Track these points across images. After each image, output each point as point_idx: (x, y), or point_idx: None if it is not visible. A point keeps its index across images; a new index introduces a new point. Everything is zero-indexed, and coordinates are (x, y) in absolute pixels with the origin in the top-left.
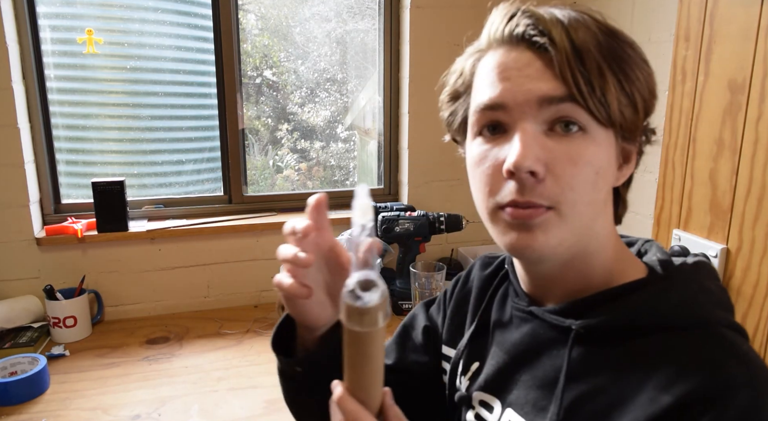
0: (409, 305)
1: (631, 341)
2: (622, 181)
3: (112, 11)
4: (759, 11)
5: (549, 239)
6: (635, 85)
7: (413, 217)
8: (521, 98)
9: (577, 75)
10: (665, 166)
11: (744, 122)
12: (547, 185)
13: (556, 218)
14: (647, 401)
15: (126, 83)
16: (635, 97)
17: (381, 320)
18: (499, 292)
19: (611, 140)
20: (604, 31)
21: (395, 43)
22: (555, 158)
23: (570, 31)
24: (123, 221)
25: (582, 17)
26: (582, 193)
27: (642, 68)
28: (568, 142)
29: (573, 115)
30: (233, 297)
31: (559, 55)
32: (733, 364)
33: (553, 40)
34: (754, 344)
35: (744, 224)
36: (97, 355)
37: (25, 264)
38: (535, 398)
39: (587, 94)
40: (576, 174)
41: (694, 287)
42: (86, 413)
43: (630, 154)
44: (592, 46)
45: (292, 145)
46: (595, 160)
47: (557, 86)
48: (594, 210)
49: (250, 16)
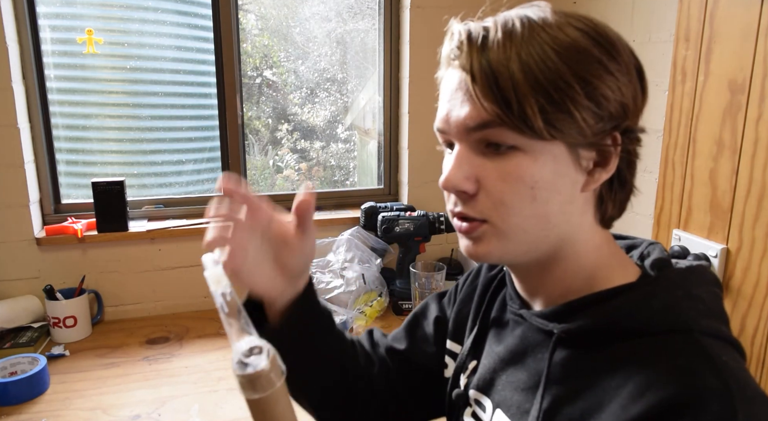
0: (409, 305)
1: (611, 346)
2: (594, 185)
3: (112, 11)
4: (759, 11)
5: (491, 249)
6: (573, 99)
7: (413, 217)
8: (453, 124)
9: (489, 97)
10: (665, 166)
11: (744, 122)
12: (479, 200)
13: (491, 230)
14: (619, 408)
15: (126, 83)
16: (571, 110)
17: (275, 379)
18: (501, 293)
19: (558, 150)
20: (547, 42)
21: (395, 43)
22: (486, 176)
23: (489, 50)
24: (123, 221)
25: (524, 29)
26: (517, 208)
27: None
28: (500, 159)
29: (497, 137)
30: None
31: (468, 79)
32: (707, 374)
33: (463, 64)
34: (754, 344)
35: (744, 224)
36: (97, 355)
37: (25, 264)
38: (520, 400)
39: (503, 115)
40: (507, 190)
41: (679, 293)
42: (86, 413)
43: (605, 157)
44: (513, 63)
45: (292, 145)
46: (528, 175)
47: (476, 113)
48: (541, 220)
49: (250, 16)
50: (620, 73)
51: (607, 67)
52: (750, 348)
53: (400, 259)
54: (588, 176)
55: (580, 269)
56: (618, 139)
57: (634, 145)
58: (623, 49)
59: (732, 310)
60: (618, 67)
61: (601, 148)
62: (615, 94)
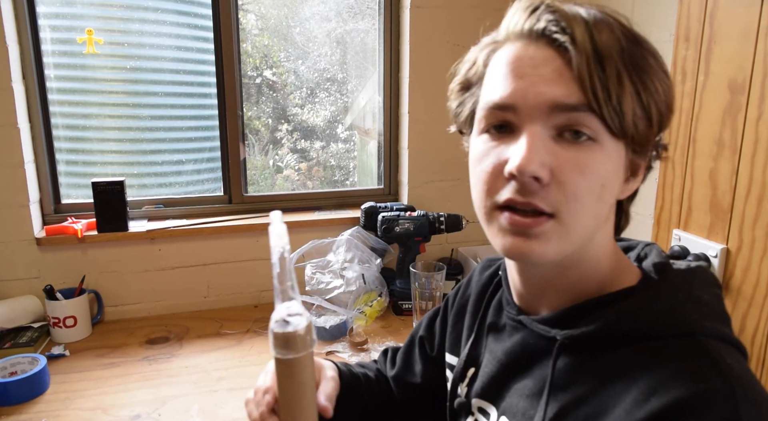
0: (409, 305)
1: (615, 350)
2: (626, 194)
3: (112, 11)
4: (759, 11)
5: (547, 249)
6: (653, 98)
7: (413, 217)
8: (532, 101)
9: (596, 81)
10: (665, 166)
11: (744, 122)
12: (550, 191)
13: (557, 227)
14: (624, 413)
15: (126, 83)
16: (651, 110)
17: (308, 345)
18: (495, 298)
19: (621, 152)
20: (628, 36)
21: (395, 43)
22: (561, 165)
23: (594, 31)
24: (123, 221)
25: (607, 19)
26: (586, 204)
27: (662, 80)
28: (576, 149)
29: (585, 123)
30: (233, 297)
31: (579, 56)
32: (712, 376)
33: (575, 39)
34: (754, 344)
35: (744, 224)
36: (97, 355)
37: (25, 264)
38: (525, 407)
39: (603, 102)
40: (582, 183)
41: (682, 296)
42: (86, 413)
43: (638, 167)
44: (614, 51)
45: (292, 145)
46: (603, 172)
47: (572, 92)
48: (596, 222)
49: (250, 16)
50: (671, 81)
51: (667, 73)
52: (750, 348)
53: (400, 259)
54: (624, 184)
55: (596, 274)
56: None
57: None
58: None
59: (732, 310)
60: (665, 73)
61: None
62: (671, 101)
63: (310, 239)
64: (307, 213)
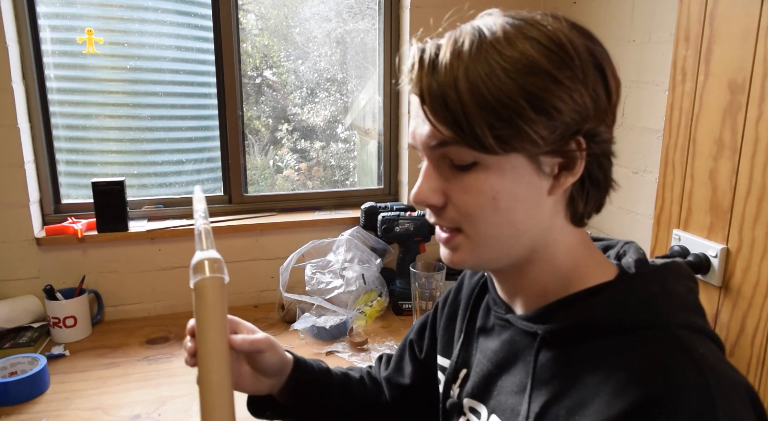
0: (408, 305)
1: (593, 343)
2: (561, 188)
3: (112, 11)
4: (759, 11)
5: (466, 257)
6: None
7: (413, 217)
8: (418, 140)
9: (441, 119)
10: (665, 166)
11: (744, 122)
12: (449, 211)
13: (465, 239)
14: (603, 404)
15: (126, 83)
16: (520, 125)
17: (215, 271)
18: (483, 299)
19: (517, 161)
20: (498, 61)
21: (395, 43)
22: (452, 189)
23: (438, 72)
24: (123, 221)
25: (476, 47)
26: (481, 218)
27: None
28: (462, 175)
29: (456, 155)
30: (233, 297)
31: (421, 103)
32: (686, 365)
33: (414, 88)
34: (754, 344)
35: (744, 224)
36: (97, 355)
37: (25, 264)
38: (513, 403)
39: (456, 135)
40: (470, 202)
41: (655, 288)
42: (86, 413)
43: (571, 160)
44: (461, 83)
45: (292, 145)
46: (488, 187)
47: (433, 133)
48: (509, 227)
49: (250, 16)
50: (573, 81)
51: (556, 78)
52: (750, 348)
53: (400, 259)
54: (554, 180)
55: (555, 270)
56: (582, 143)
57: (602, 146)
58: (577, 52)
59: (732, 310)
60: (571, 74)
61: (565, 154)
62: (568, 104)
63: (310, 239)
64: (307, 213)
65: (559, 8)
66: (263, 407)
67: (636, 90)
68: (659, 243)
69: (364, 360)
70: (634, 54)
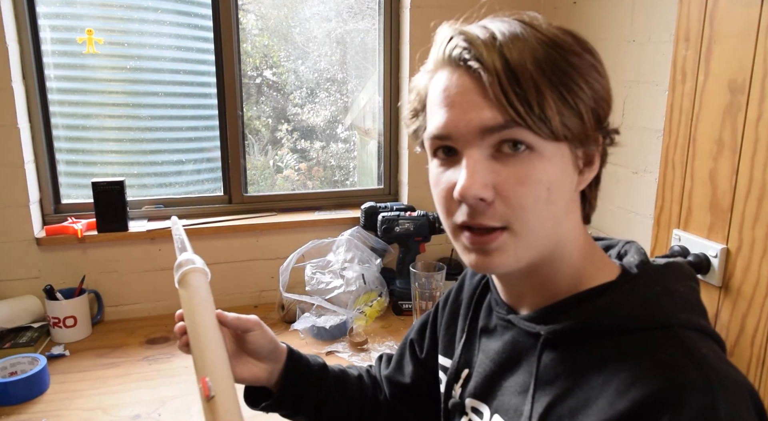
0: (409, 305)
1: (596, 344)
2: (584, 184)
3: (112, 11)
4: (759, 11)
5: (506, 259)
6: (578, 96)
7: (413, 217)
8: (464, 129)
9: (512, 98)
10: (665, 166)
11: (744, 122)
12: (497, 207)
13: (511, 238)
14: (606, 404)
15: (126, 83)
16: (579, 108)
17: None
18: (485, 299)
19: (564, 151)
20: (545, 42)
21: (395, 43)
22: (503, 181)
23: (504, 50)
24: (123, 221)
25: (522, 30)
26: (535, 211)
27: (589, 76)
28: (515, 162)
29: (516, 137)
30: (233, 297)
31: (491, 80)
32: (688, 366)
33: (485, 64)
34: (754, 344)
35: (744, 224)
36: (97, 355)
37: (25, 264)
38: (516, 403)
39: (525, 115)
40: (525, 194)
41: (657, 289)
42: (86, 413)
43: (591, 157)
44: (528, 63)
45: (292, 145)
46: (545, 176)
47: (495, 114)
48: (553, 222)
49: (250, 16)
50: (603, 76)
51: (596, 68)
52: (750, 348)
53: (400, 259)
54: (579, 176)
55: (569, 269)
56: (600, 139)
57: (607, 144)
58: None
59: (732, 310)
60: (602, 69)
61: (590, 148)
62: (605, 94)
63: (310, 239)
64: (307, 213)
65: (559, 8)
66: (259, 399)
67: (636, 90)
68: (659, 243)
69: (364, 360)
70: (634, 54)
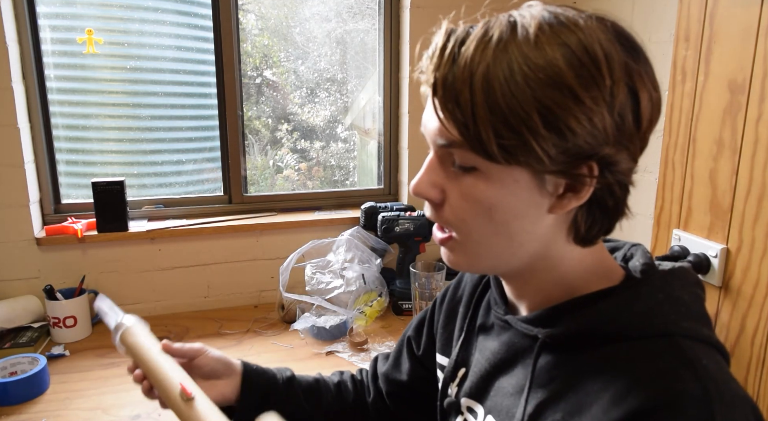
0: (409, 305)
1: (595, 349)
2: (563, 210)
3: (112, 11)
4: (759, 11)
5: (458, 260)
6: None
7: (413, 217)
8: (427, 133)
9: (450, 117)
10: (665, 166)
11: (744, 122)
12: (445, 212)
13: (456, 243)
14: (601, 411)
15: (126, 83)
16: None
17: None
18: (485, 298)
19: (521, 175)
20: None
21: (395, 43)
22: (450, 190)
23: (456, 65)
24: (123, 221)
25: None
26: (477, 226)
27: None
28: (462, 178)
29: (459, 157)
30: (233, 297)
31: (433, 93)
32: (687, 377)
33: (432, 76)
34: (754, 344)
35: (744, 224)
36: (97, 355)
37: (25, 264)
38: (509, 405)
39: (462, 137)
40: (466, 208)
41: (661, 296)
42: (86, 413)
43: (579, 183)
44: (477, 82)
45: (292, 145)
46: (485, 198)
47: (441, 130)
48: (507, 241)
49: (250, 16)
50: (596, 102)
51: (578, 96)
52: (750, 348)
53: (400, 259)
54: (557, 200)
55: (559, 279)
56: (594, 169)
57: (618, 176)
58: (611, 70)
59: (732, 310)
60: (596, 94)
61: (573, 176)
62: (584, 126)
63: (310, 239)
64: (307, 213)
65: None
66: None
67: None
68: (659, 243)
69: (364, 360)
70: None
